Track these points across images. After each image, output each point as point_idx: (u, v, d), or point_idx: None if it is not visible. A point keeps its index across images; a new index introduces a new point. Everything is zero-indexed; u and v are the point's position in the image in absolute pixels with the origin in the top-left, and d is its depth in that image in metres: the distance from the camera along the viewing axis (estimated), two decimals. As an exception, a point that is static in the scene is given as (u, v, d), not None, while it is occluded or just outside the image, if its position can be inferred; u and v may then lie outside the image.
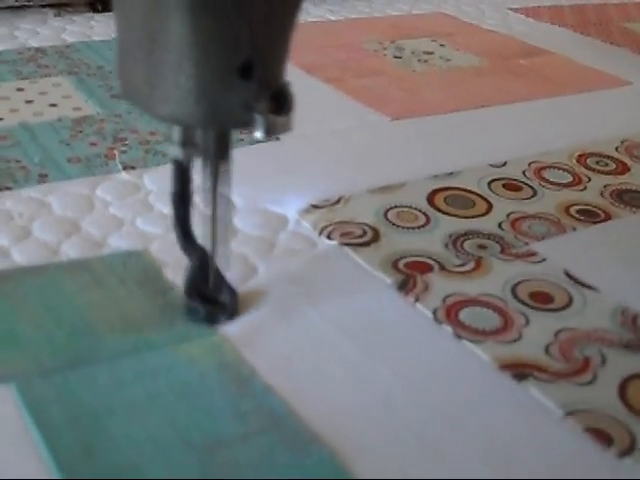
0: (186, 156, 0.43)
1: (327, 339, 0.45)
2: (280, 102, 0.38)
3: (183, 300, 0.46)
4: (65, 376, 0.41)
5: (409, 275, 0.50)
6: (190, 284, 0.46)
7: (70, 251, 0.52)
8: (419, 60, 0.90)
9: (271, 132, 0.38)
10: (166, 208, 0.57)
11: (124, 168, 0.62)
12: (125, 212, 0.56)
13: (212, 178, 0.42)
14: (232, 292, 0.46)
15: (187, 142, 0.42)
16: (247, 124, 0.39)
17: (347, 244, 0.52)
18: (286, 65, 0.40)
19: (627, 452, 0.39)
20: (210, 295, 0.46)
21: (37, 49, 0.85)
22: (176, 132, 0.42)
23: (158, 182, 0.60)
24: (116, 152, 0.64)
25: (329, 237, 0.53)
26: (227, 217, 0.45)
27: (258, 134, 0.38)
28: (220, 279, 0.45)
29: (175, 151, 0.43)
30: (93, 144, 0.65)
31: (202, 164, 0.42)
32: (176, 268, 0.50)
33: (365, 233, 0.54)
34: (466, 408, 0.41)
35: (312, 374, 0.43)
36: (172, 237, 0.53)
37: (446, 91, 0.81)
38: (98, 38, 0.90)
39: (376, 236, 0.54)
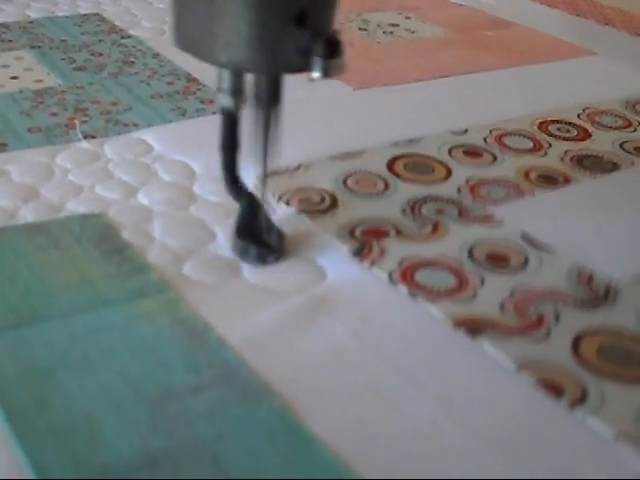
0: (235, 104, 0.45)
1: (282, 298, 0.45)
2: (333, 47, 0.41)
3: (234, 241, 0.48)
4: (19, 332, 0.41)
5: (365, 242, 0.50)
6: (240, 227, 0.48)
7: (28, 216, 0.52)
8: (384, 32, 0.90)
9: (328, 73, 0.41)
10: (125, 175, 0.57)
11: (84, 137, 0.61)
12: (84, 179, 0.56)
13: (264, 123, 0.44)
14: (280, 235, 0.48)
15: (236, 91, 0.44)
16: (302, 69, 0.42)
17: (305, 211, 0.52)
18: (336, 15, 0.43)
19: (578, 403, 0.39)
20: (259, 237, 0.48)
21: (0, 25, 0.84)
22: (226, 81, 0.44)
23: (118, 151, 0.61)
24: (76, 122, 0.63)
25: (287, 203, 0.53)
26: (272, 162, 0.47)
27: (316, 75, 0.41)
28: (269, 222, 0.48)
29: (225, 100, 0.45)
30: (54, 114, 0.65)
31: (254, 110, 0.44)
32: (133, 230, 0.50)
33: (323, 200, 0.54)
34: (421, 362, 0.42)
35: (267, 329, 0.43)
36: (131, 202, 0.53)
37: (410, 62, 0.81)
38: (62, 14, 0.89)
39: (334, 203, 0.54)
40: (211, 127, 0.63)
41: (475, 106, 0.71)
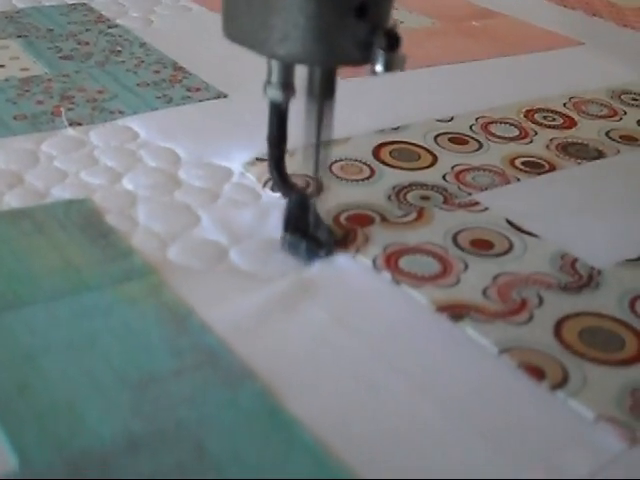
0: (284, 98, 0.44)
1: (266, 283, 0.46)
2: (394, 40, 0.41)
3: (283, 236, 0.48)
4: (1, 318, 0.41)
5: (350, 229, 0.50)
6: (289, 222, 0.48)
7: (12, 201, 0.52)
8: (371, 22, 0.90)
9: (389, 67, 0.41)
10: (111, 161, 0.57)
11: (70, 124, 0.61)
12: (69, 165, 0.57)
13: (317, 116, 0.44)
14: (329, 230, 0.48)
15: (286, 84, 0.44)
16: (360, 61, 0.42)
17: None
18: (393, 8, 0.43)
19: (559, 385, 0.39)
20: (309, 232, 0.47)
21: (-14, 15, 0.84)
22: (275, 74, 0.43)
23: (104, 138, 0.61)
24: (62, 109, 0.63)
25: (273, 190, 0.53)
26: (327, 158, 0.47)
27: (379, 68, 0.41)
28: (318, 217, 0.47)
29: (274, 93, 0.44)
30: (40, 102, 0.65)
31: (307, 103, 0.44)
32: (118, 215, 0.51)
33: (308, 186, 0.54)
34: (403, 347, 0.42)
35: (250, 314, 0.43)
36: (116, 187, 0.53)
37: (397, 51, 0.81)
38: (49, 3, 0.89)
39: (319, 189, 0.54)
40: (197, 114, 0.64)
41: (462, 95, 0.71)
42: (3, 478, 0.32)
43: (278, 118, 0.46)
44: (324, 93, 0.44)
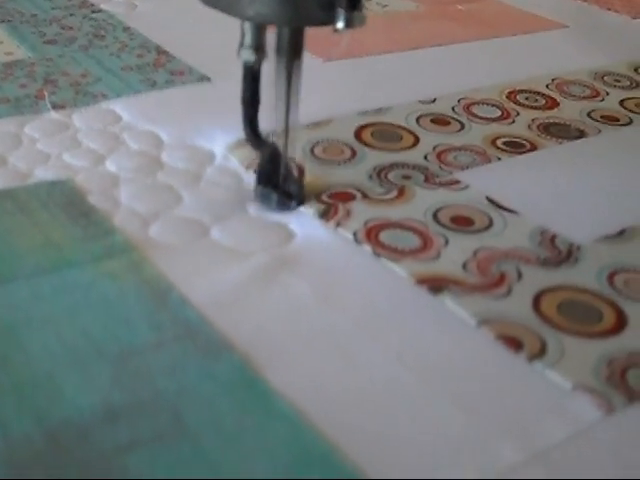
0: (257, 59, 0.46)
1: (244, 256, 0.46)
2: (353, 0, 0.43)
3: (255, 188, 0.51)
4: (-18, 294, 0.41)
5: (331, 204, 0.50)
6: (261, 175, 0.50)
7: (-5, 183, 0.52)
8: (355, 6, 0.90)
9: (351, 24, 0.43)
10: (94, 144, 0.57)
11: (53, 107, 0.61)
12: (52, 148, 0.57)
13: (286, 76, 0.46)
14: (299, 183, 0.50)
15: (258, 46, 0.46)
16: (325, 22, 0.44)
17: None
18: None
19: (537, 356, 0.40)
20: (280, 185, 0.50)
21: (-30, 0, 0.84)
22: (248, 36, 0.46)
23: (87, 121, 0.61)
24: (46, 92, 0.64)
25: (255, 171, 0.54)
26: (295, 115, 0.49)
27: (340, 25, 0.43)
28: (288, 171, 0.50)
29: (247, 55, 0.46)
30: (23, 86, 0.65)
31: (276, 63, 0.46)
32: (100, 195, 0.51)
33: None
34: (382, 318, 0.42)
35: (230, 288, 0.43)
36: (99, 169, 0.53)
37: (380, 35, 0.82)
38: (33, -11, 0.89)
39: (301, 172, 0.54)
40: (180, 97, 0.64)
41: (445, 77, 0.72)
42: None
43: (251, 79, 0.48)
44: (292, 53, 0.46)
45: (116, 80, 0.67)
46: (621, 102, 0.69)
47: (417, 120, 0.63)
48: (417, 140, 0.60)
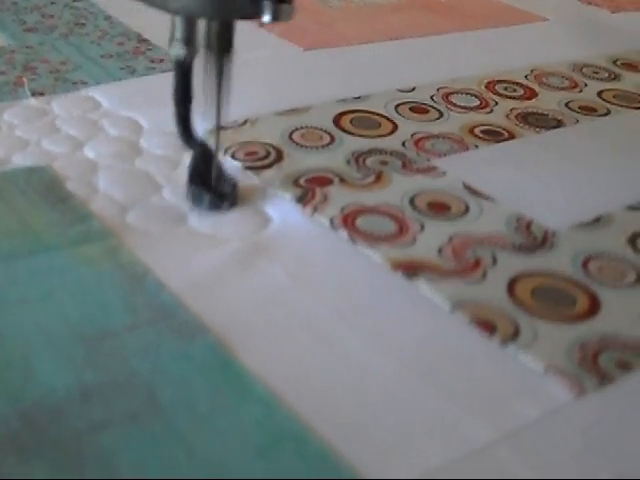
0: (188, 54, 0.45)
1: (221, 242, 0.46)
2: None
3: (188, 188, 0.49)
4: (-43, 277, 0.41)
5: (308, 189, 0.50)
6: (193, 175, 0.49)
7: (-28, 169, 0.52)
8: (337, -4, 0.90)
9: (277, 17, 0.42)
10: (72, 130, 0.57)
11: (33, 94, 0.61)
12: (31, 134, 0.57)
13: (216, 70, 0.45)
14: (233, 183, 0.49)
15: (189, 40, 0.45)
16: (252, 15, 0.43)
17: (250, 168, 0.53)
18: None
19: (510, 339, 0.40)
20: (212, 185, 0.49)
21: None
22: (178, 30, 0.45)
23: (66, 107, 0.61)
24: (25, 79, 0.63)
25: (233, 157, 0.54)
26: (225, 111, 0.47)
27: (266, 18, 0.43)
28: (221, 171, 0.49)
29: (177, 49, 0.45)
30: (2, 73, 0.65)
31: (205, 58, 0.45)
32: (78, 181, 0.51)
33: (269, 154, 0.54)
34: (357, 303, 0.42)
35: (206, 273, 0.44)
36: (77, 155, 0.53)
37: (361, 25, 0.82)
38: (14, -22, 0.89)
39: (279, 156, 0.54)
40: (160, 85, 0.64)
41: (424, 67, 0.72)
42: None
43: (182, 75, 0.46)
44: (221, 48, 0.45)
45: (96, 67, 0.67)
46: (599, 93, 0.70)
47: (396, 108, 0.63)
48: (395, 127, 0.60)
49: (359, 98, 0.64)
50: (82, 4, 0.82)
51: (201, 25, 0.45)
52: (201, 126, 0.55)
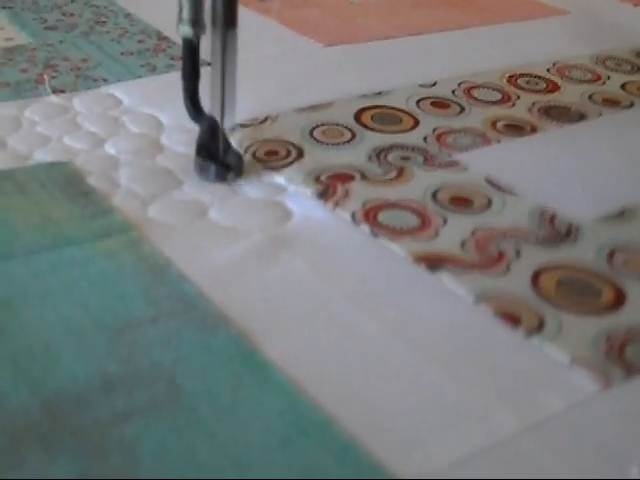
0: (195, 33, 0.47)
1: (242, 235, 0.46)
2: None
3: (195, 160, 0.51)
4: (-20, 269, 0.41)
5: (330, 185, 0.50)
6: (200, 147, 0.51)
7: (-6, 164, 0.52)
8: (357, -8, 0.90)
9: None
10: (94, 127, 0.57)
11: (54, 92, 0.61)
12: (52, 130, 0.57)
13: (221, 46, 0.47)
14: (238, 155, 0.51)
15: (196, 20, 0.47)
16: None
17: (270, 167, 0.53)
18: None
19: (535, 331, 0.40)
20: (218, 157, 0.51)
21: (-28, -14, 0.84)
22: (186, 11, 0.47)
23: (87, 104, 0.61)
24: (46, 77, 0.64)
25: (254, 155, 0.54)
26: (233, 85, 0.50)
27: None
28: (227, 144, 0.51)
29: (185, 29, 0.48)
30: (24, 70, 0.65)
31: (212, 34, 0.47)
32: (99, 177, 0.51)
33: (289, 153, 0.54)
34: (379, 294, 0.42)
35: (228, 264, 0.43)
36: (98, 151, 0.53)
37: (381, 20, 0.82)
38: (35, -23, 0.89)
39: (300, 154, 0.54)
40: (180, 82, 0.64)
41: (445, 62, 0.72)
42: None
43: (190, 53, 0.49)
44: (226, 23, 0.47)
45: (117, 65, 0.67)
46: (622, 86, 0.69)
47: (417, 103, 0.63)
48: (417, 122, 0.60)
49: (380, 94, 0.64)
50: (102, 2, 0.82)
51: (207, 5, 0.47)
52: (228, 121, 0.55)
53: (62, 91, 0.62)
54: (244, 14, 0.52)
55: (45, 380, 0.35)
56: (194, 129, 0.57)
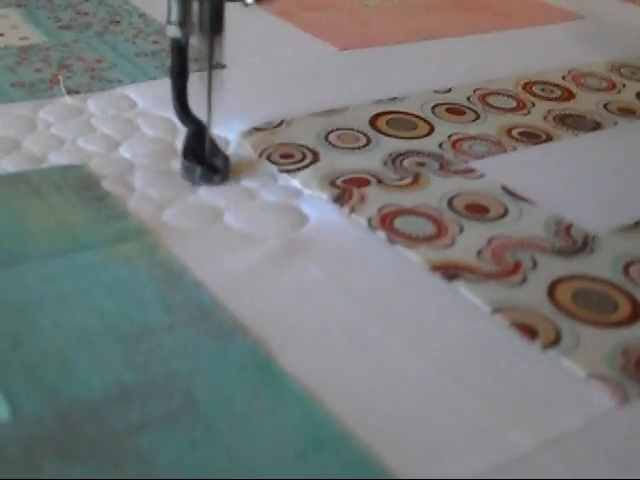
0: (184, 34, 0.48)
1: (257, 240, 0.46)
2: None
3: (182, 162, 0.52)
4: (-5, 274, 0.41)
5: (345, 189, 0.50)
6: (187, 149, 0.51)
7: (9, 166, 0.52)
8: (372, -5, 0.90)
9: None
10: (108, 129, 0.57)
11: (68, 92, 0.61)
12: (67, 132, 0.57)
13: (208, 50, 0.48)
14: (225, 158, 0.51)
15: (184, 22, 0.48)
16: None
17: (286, 171, 0.52)
18: None
19: (552, 344, 0.39)
20: (205, 160, 0.51)
21: (-14, -16, 0.84)
22: (174, 13, 0.48)
23: (102, 106, 0.61)
24: (60, 77, 0.63)
25: (269, 159, 0.54)
26: (218, 88, 0.50)
27: (249, 0, 0.45)
28: (214, 146, 0.51)
29: (173, 31, 0.48)
30: (38, 70, 0.65)
31: (198, 38, 0.48)
32: (114, 180, 0.51)
33: (305, 156, 0.54)
34: (395, 304, 0.42)
35: (243, 271, 0.43)
36: (113, 154, 0.53)
37: (396, 24, 0.81)
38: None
39: (315, 158, 0.54)
40: (195, 85, 0.64)
41: (459, 67, 0.71)
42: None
43: (179, 53, 0.50)
44: (213, 28, 0.48)
45: (131, 66, 0.67)
46: (638, 94, 0.69)
47: (432, 109, 0.63)
48: (432, 129, 0.60)
49: (395, 99, 0.63)
50: (116, 1, 0.82)
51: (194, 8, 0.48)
52: (236, 129, 0.55)
53: (76, 92, 0.62)
54: (260, 17, 0.52)
55: (60, 389, 0.35)
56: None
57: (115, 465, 0.31)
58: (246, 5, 0.45)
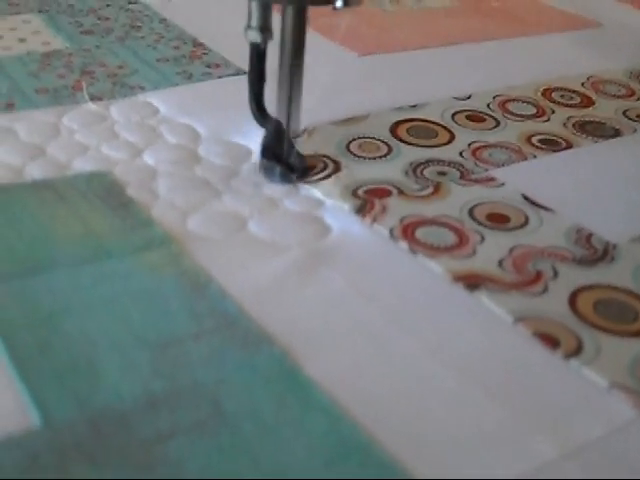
0: (263, 39, 0.50)
1: (282, 250, 0.46)
2: None
3: (260, 161, 0.54)
4: (24, 282, 0.41)
5: (367, 200, 0.50)
6: (266, 149, 0.53)
7: (35, 173, 0.52)
8: (391, 0, 0.90)
9: (348, 3, 0.48)
10: (131, 136, 0.58)
11: (91, 99, 0.62)
12: (91, 139, 0.57)
13: (290, 54, 0.51)
14: (301, 157, 0.53)
15: (264, 26, 0.49)
16: (325, 1, 0.49)
17: (307, 182, 0.53)
18: None
19: (573, 354, 0.40)
20: (283, 159, 0.53)
21: (8, -12, 0.85)
22: (254, 18, 0.49)
23: (125, 113, 0.61)
24: (83, 83, 0.64)
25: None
26: (299, 92, 0.53)
27: (339, 4, 0.48)
28: (291, 145, 0.53)
29: (253, 35, 0.50)
30: (61, 76, 0.65)
31: (281, 42, 0.51)
32: (139, 188, 0.51)
33: (326, 166, 0.54)
34: (418, 314, 0.42)
35: (268, 280, 0.44)
36: (136, 161, 0.54)
37: (416, 30, 0.82)
38: (70, -20, 0.89)
39: (337, 168, 0.54)
40: (216, 91, 0.64)
41: (478, 73, 0.72)
42: (26, 433, 0.33)
43: (257, 58, 0.51)
44: (296, 34, 0.51)
45: (153, 72, 0.67)
46: (657, 102, 0.69)
47: (453, 116, 0.63)
48: (453, 136, 0.60)
49: (415, 106, 0.64)
50: (137, 6, 0.82)
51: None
52: (257, 138, 0.55)
53: (99, 98, 0.62)
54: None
55: (90, 397, 0.35)
56: (230, 141, 0.58)
57: (144, 472, 0.32)
58: (335, 9, 0.47)
